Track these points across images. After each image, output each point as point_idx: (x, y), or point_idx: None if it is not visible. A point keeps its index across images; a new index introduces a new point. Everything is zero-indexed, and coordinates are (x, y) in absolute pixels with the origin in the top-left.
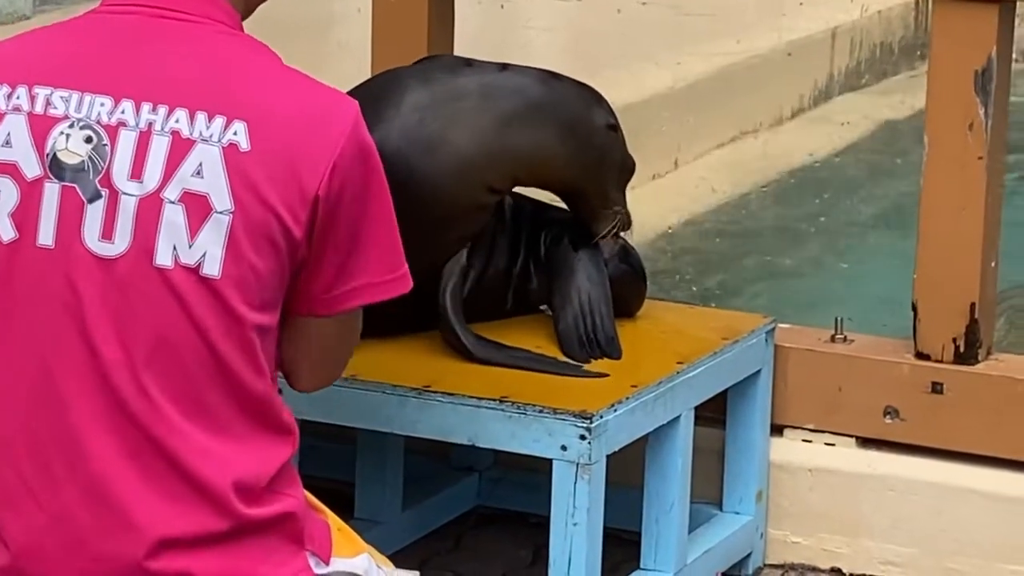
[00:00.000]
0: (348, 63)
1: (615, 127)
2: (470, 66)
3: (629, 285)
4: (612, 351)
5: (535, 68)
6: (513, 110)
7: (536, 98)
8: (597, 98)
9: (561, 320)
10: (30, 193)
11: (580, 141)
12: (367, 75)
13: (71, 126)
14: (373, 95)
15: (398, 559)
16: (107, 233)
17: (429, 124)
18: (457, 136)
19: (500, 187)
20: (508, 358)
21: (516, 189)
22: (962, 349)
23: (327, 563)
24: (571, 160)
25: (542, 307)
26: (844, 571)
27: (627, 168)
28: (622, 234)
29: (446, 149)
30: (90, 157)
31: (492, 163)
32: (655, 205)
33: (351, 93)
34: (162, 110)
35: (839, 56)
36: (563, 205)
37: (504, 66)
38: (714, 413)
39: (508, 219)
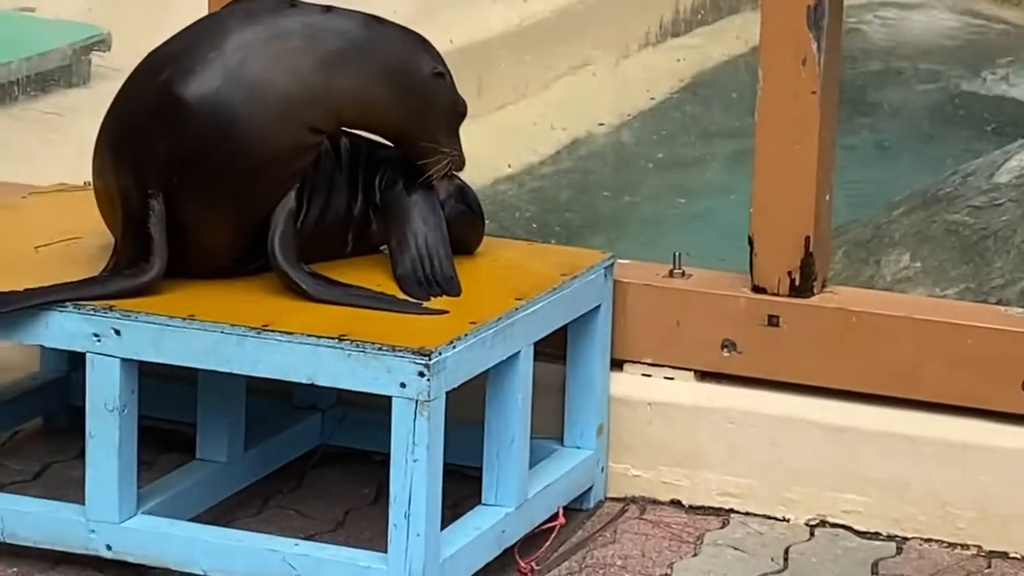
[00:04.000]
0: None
1: (442, 74)
2: (294, 7)
3: (467, 224)
4: (451, 289)
5: (359, 12)
6: (337, 51)
7: (360, 41)
8: (423, 44)
9: (399, 265)
10: None
11: (403, 85)
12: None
13: None
14: (196, 36)
15: (240, 499)
16: None
17: (251, 64)
18: (279, 76)
19: (323, 128)
20: (346, 296)
21: (350, 132)
22: (797, 282)
23: None
24: (394, 103)
25: (382, 248)
26: (684, 503)
27: (457, 112)
28: (458, 174)
29: (268, 89)
30: None
31: (314, 103)
32: (496, 143)
33: (175, 36)
34: None
35: None
36: None
37: (328, 8)
38: (554, 349)
39: (345, 160)
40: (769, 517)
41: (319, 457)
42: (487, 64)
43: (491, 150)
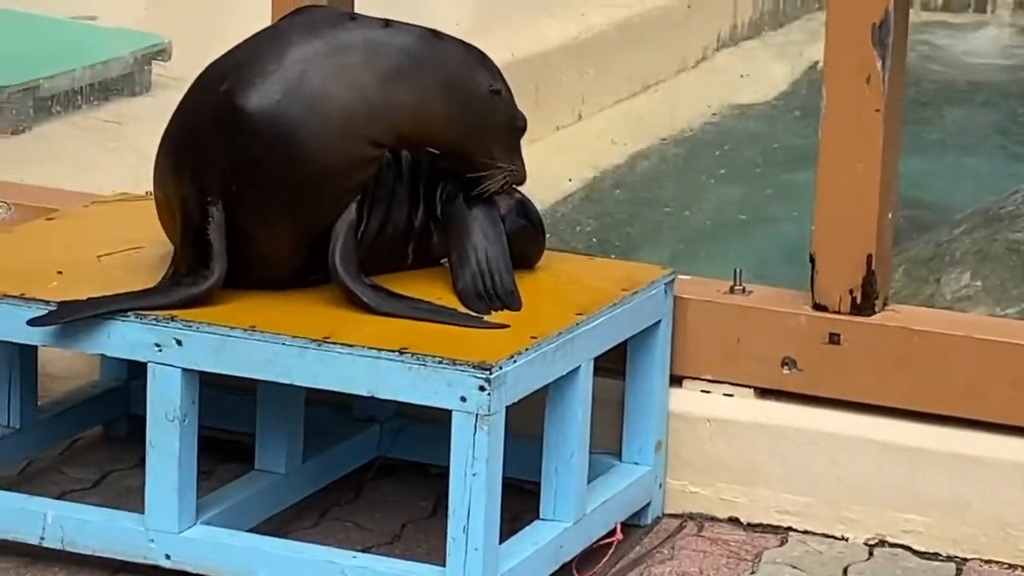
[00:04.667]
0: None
1: (498, 91)
2: (354, 20)
3: (527, 239)
4: (512, 303)
5: (419, 26)
6: (397, 66)
7: (419, 56)
8: (481, 59)
9: (460, 279)
10: None
11: (462, 102)
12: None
13: None
14: (256, 48)
15: (298, 510)
16: None
17: (312, 78)
18: (339, 90)
19: (382, 142)
20: (407, 309)
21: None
22: (859, 300)
23: None
24: (453, 119)
25: (443, 261)
26: (742, 520)
27: (516, 128)
28: (519, 188)
29: (328, 103)
30: None
31: (374, 118)
32: (557, 157)
33: (236, 47)
34: None
35: (740, 8)
36: None
37: (387, 22)
38: (614, 364)
39: (406, 173)
40: (828, 536)
41: (376, 469)
42: (546, 77)
43: (551, 164)
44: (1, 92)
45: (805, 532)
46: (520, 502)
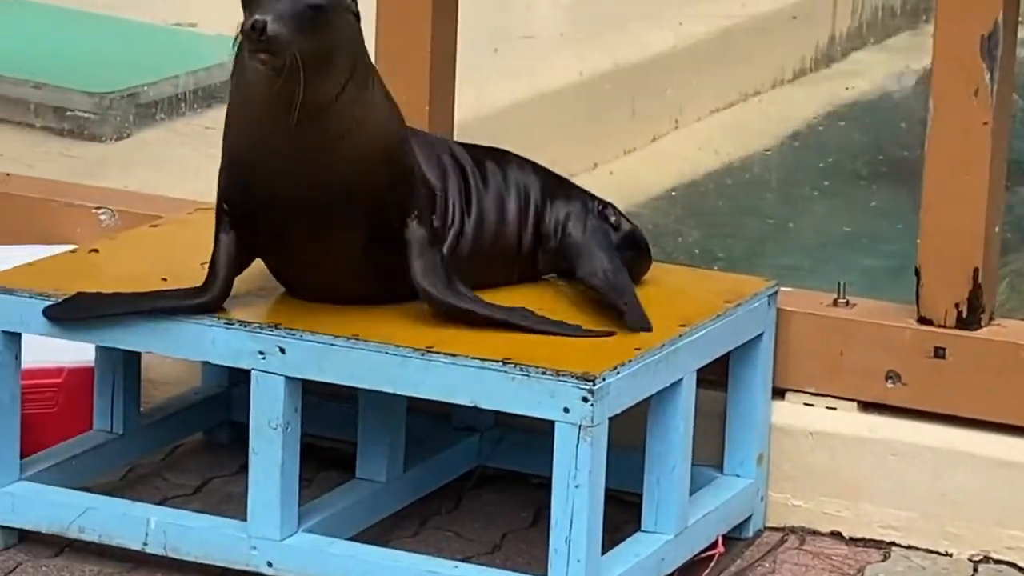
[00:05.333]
0: None
1: None
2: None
3: (638, 266)
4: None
5: None
6: None
7: None
8: None
9: (591, 281)
10: None
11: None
12: None
13: None
14: None
15: (398, 519)
16: None
17: None
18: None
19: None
20: (510, 316)
21: (524, 170)
22: (964, 314)
23: None
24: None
25: (546, 276)
26: (844, 535)
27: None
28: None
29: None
30: None
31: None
32: (655, 167)
33: None
34: None
35: (841, 18)
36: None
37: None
38: (716, 376)
39: (515, 195)
40: (931, 551)
41: (476, 479)
42: (643, 87)
43: (650, 174)
44: (103, 99)
45: (908, 547)
46: (621, 513)
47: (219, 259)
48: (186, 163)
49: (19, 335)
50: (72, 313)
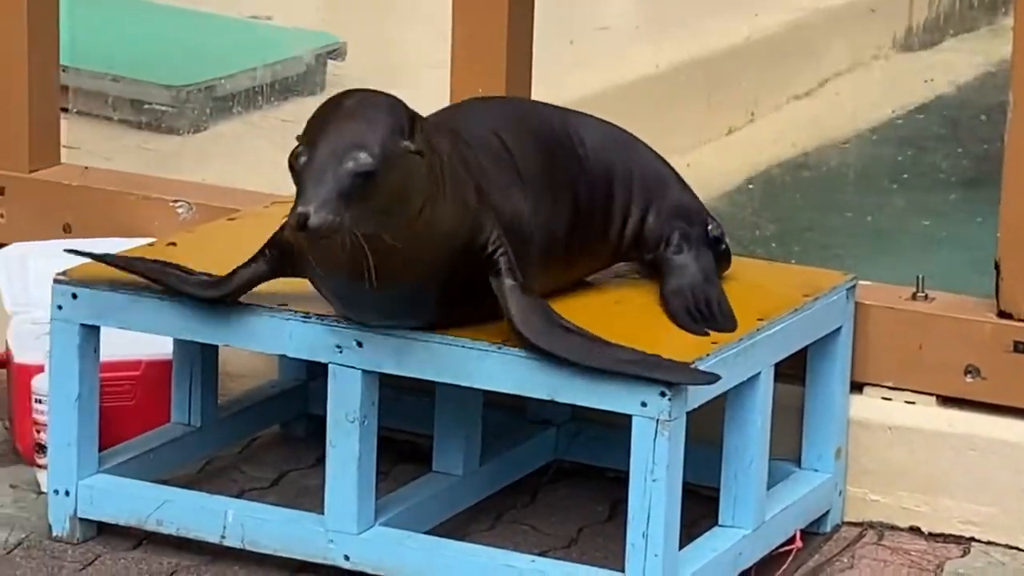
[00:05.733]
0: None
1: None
2: None
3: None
4: (728, 324)
5: None
6: None
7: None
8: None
9: (671, 302)
10: None
11: None
12: None
13: None
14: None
15: (474, 513)
16: None
17: None
18: None
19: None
20: (616, 364)
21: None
22: None
23: None
24: None
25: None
26: (923, 530)
27: None
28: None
29: None
30: None
31: None
32: (731, 159)
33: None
34: None
35: (919, 10)
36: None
37: None
38: (794, 370)
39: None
40: (1012, 547)
41: (553, 472)
42: (718, 79)
43: (729, 167)
44: (180, 92)
45: (988, 543)
46: (698, 508)
47: (246, 272)
48: (262, 156)
49: (98, 328)
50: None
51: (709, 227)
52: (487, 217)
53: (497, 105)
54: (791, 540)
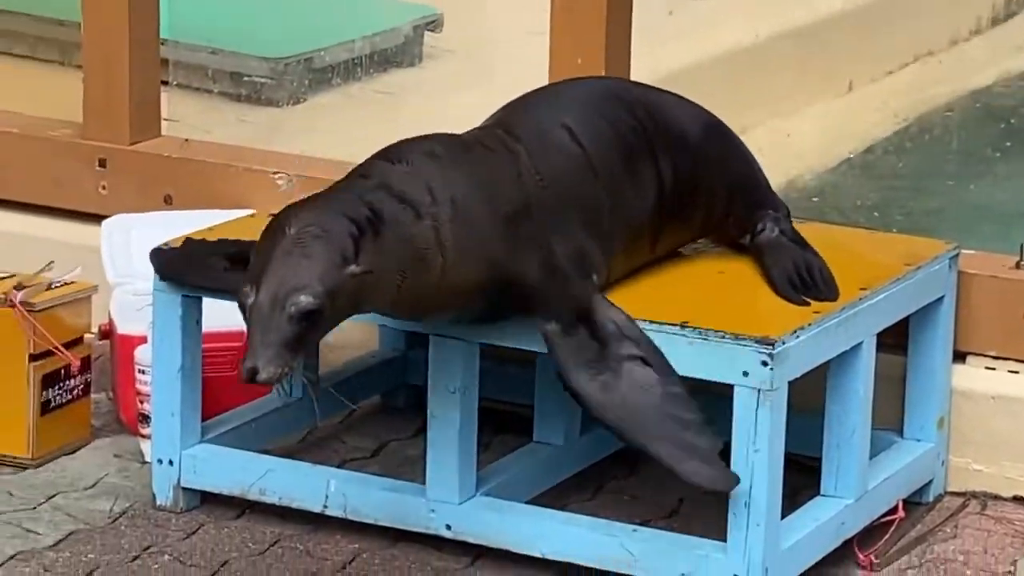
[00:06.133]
0: None
1: None
2: None
3: None
4: (831, 292)
5: None
6: None
7: None
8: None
9: (775, 270)
10: None
11: None
12: None
13: None
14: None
15: (575, 483)
16: None
17: None
18: None
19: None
20: (651, 443)
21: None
22: None
23: None
24: None
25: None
26: None
27: None
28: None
29: None
30: None
31: None
32: (831, 128)
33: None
34: None
35: None
36: None
37: None
38: (896, 339)
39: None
40: None
41: None
42: (815, 48)
43: (830, 136)
44: (279, 64)
45: None
46: (800, 478)
47: None
48: (361, 128)
49: (199, 299)
50: (174, 269)
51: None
52: (527, 263)
53: (581, 89)
54: (893, 510)
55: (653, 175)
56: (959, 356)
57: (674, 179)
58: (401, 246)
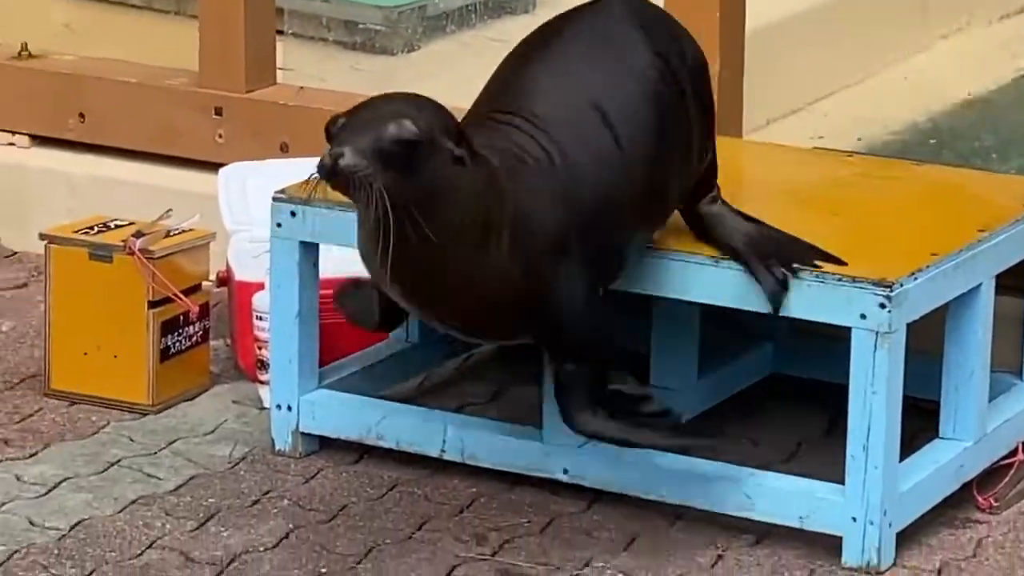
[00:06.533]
0: None
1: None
2: None
3: None
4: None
5: None
6: None
7: None
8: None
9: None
10: None
11: None
12: None
13: None
14: None
15: (693, 426)
16: None
17: None
18: None
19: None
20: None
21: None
22: None
23: None
24: None
25: None
26: None
27: None
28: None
29: None
30: None
31: None
32: (948, 66)
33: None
34: None
35: None
36: None
37: None
38: (1015, 281)
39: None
40: None
41: (771, 386)
42: None
43: (947, 76)
44: (393, 12)
45: None
46: (918, 421)
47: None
48: (475, 75)
49: (316, 245)
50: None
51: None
52: (570, 291)
53: (598, 35)
54: (1013, 453)
55: (682, 142)
56: None
57: (697, 128)
58: (491, 195)
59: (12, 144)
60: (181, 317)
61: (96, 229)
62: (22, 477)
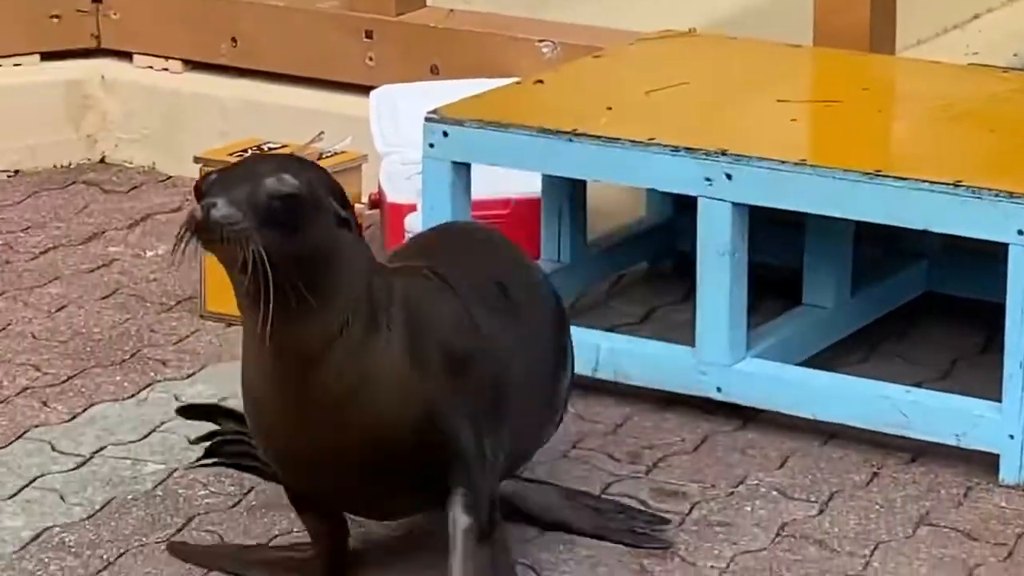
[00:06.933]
0: None
1: None
2: None
3: None
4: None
5: None
6: None
7: None
8: None
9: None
10: None
11: None
12: None
13: None
14: None
15: (845, 345)
16: None
17: None
18: None
19: None
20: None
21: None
22: None
23: None
24: None
25: None
26: None
27: None
28: None
29: None
30: None
31: None
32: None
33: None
34: None
35: None
36: None
37: None
38: None
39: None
40: None
41: (925, 304)
42: None
43: (1020, 28)
44: None
45: None
46: None
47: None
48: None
49: (468, 166)
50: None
51: None
52: (457, 417)
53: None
54: None
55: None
56: None
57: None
58: (380, 279)
59: (165, 69)
60: None
61: (250, 152)
62: (180, 397)
